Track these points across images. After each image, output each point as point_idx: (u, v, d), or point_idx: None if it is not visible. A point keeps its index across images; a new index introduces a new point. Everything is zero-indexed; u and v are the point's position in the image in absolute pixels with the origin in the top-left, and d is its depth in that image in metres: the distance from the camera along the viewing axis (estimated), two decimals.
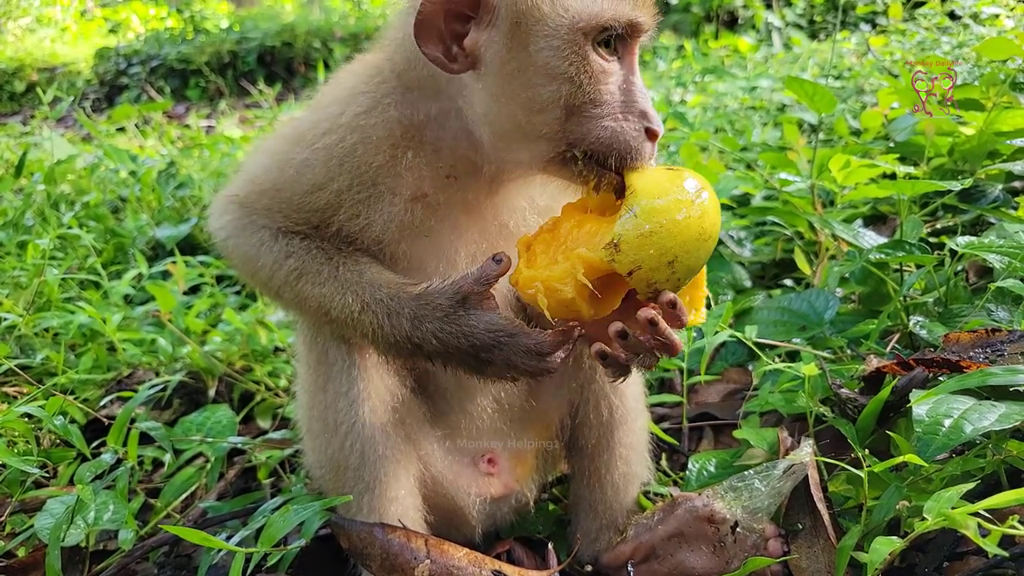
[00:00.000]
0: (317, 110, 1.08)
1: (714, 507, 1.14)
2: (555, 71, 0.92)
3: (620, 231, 0.89)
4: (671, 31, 7.66)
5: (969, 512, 0.86)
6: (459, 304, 0.98)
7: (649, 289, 0.92)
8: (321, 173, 1.03)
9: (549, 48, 0.91)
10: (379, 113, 1.02)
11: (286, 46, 9.38)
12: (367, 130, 1.01)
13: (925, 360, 1.21)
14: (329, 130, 1.03)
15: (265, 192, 1.09)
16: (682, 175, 0.94)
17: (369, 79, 1.06)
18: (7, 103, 9.70)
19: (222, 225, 1.14)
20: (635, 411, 1.26)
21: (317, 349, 1.12)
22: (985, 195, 1.83)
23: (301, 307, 1.10)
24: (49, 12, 12.96)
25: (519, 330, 0.97)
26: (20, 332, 1.92)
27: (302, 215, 1.07)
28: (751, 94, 3.99)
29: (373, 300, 1.02)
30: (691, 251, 0.90)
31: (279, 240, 1.08)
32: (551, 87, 0.92)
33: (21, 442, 1.50)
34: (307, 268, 1.06)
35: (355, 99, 1.04)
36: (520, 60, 0.92)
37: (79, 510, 1.24)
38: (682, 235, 0.89)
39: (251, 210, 1.10)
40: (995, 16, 3.83)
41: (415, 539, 1.04)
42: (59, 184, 3.25)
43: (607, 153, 0.94)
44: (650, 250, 0.88)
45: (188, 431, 1.63)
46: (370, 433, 1.07)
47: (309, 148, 1.04)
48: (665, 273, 0.90)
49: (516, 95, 0.94)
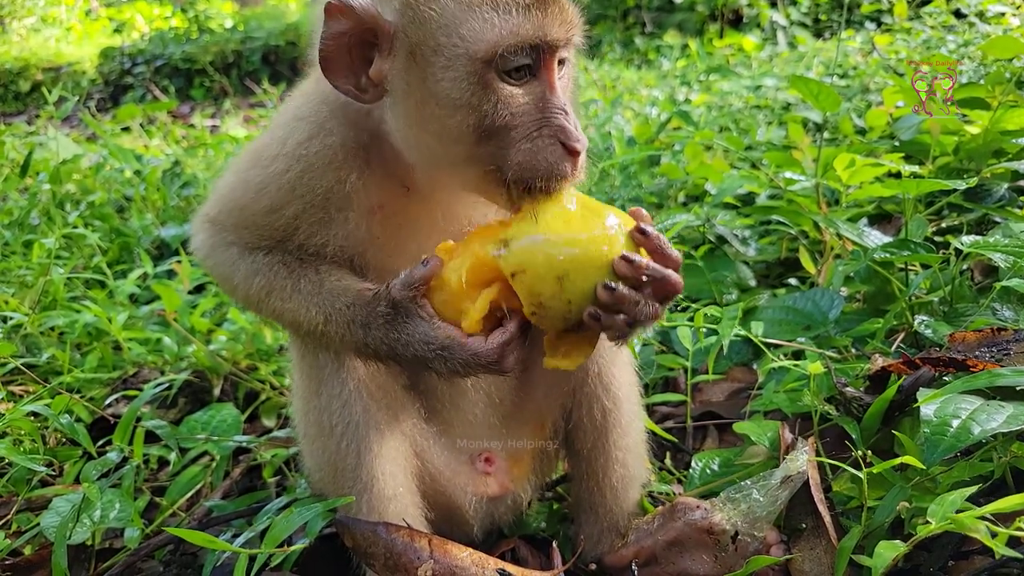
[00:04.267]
0: (270, 132, 1.10)
1: (712, 520, 1.13)
2: (457, 102, 0.89)
3: (515, 231, 0.88)
4: (676, 30, 7.64)
5: (976, 516, 0.86)
6: (394, 309, 0.98)
7: (533, 301, 0.87)
8: (276, 197, 1.05)
9: (448, 80, 0.88)
10: (320, 140, 1.02)
11: (290, 45, 9.40)
12: (310, 158, 1.02)
13: (931, 359, 1.21)
14: (276, 156, 1.05)
15: (232, 211, 1.11)
16: (603, 209, 0.92)
17: (310, 104, 1.07)
18: (12, 103, 9.74)
19: (199, 244, 1.17)
20: (630, 413, 1.24)
21: (308, 355, 1.13)
22: (990, 194, 1.82)
23: (278, 321, 1.13)
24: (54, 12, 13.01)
25: (453, 342, 0.94)
26: (26, 331, 1.93)
27: (265, 232, 1.09)
28: (756, 93, 3.98)
29: (334, 310, 1.03)
30: (585, 272, 0.86)
31: (246, 257, 1.11)
32: (456, 117, 0.90)
33: (27, 440, 1.51)
34: (274, 284, 1.08)
35: (298, 126, 1.05)
36: (421, 91, 0.90)
37: (85, 508, 1.25)
38: (580, 257, 0.85)
39: (222, 227, 1.13)
40: (1001, 14, 3.81)
41: (419, 538, 1.04)
42: (64, 183, 3.27)
43: (532, 176, 0.91)
44: (538, 256, 0.85)
45: (193, 430, 1.64)
46: (364, 432, 1.07)
47: (263, 171, 1.06)
48: (552, 288, 0.86)
49: (425, 124, 0.92)
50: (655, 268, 0.88)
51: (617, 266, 0.87)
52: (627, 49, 7.64)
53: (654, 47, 7.35)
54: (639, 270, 0.87)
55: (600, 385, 1.20)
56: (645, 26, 8.08)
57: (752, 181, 2.28)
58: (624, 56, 7.42)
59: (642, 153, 2.66)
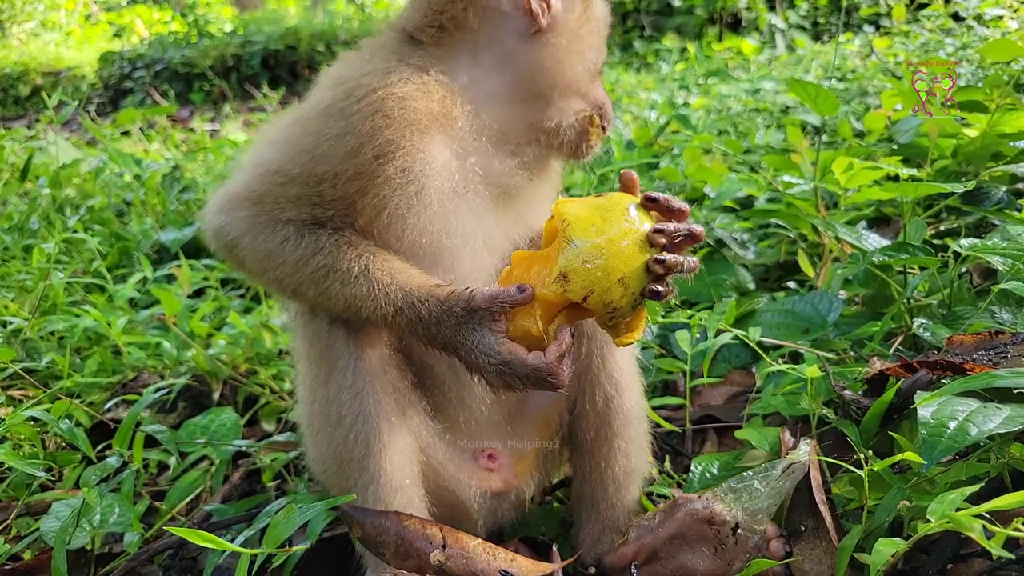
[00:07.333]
0: (345, 82, 1.06)
1: (714, 509, 1.14)
2: (598, 40, 1.18)
3: (564, 263, 0.94)
4: (675, 33, 7.66)
5: (973, 514, 0.86)
6: (468, 315, 0.99)
7: (607, 310, 0.95)
8: (365, 131, 1.01)
9: (599, 19, 1.18)
10: (425, 71, 1.07)
11: (290, 49, 9.42)
12: (419, 82, 1.05)
13: (929, 362, 1.21)
14: (374, 88, 1.02)
15: (295, 179, 1.05)
16: (612, 199, 1.00)
17: (400, 49, 1.10)
18: (12, 107, 9.76)
19: (229, 222, 1.10)
20: (631, 400, 1.25)
21: (320, 344, 1.11)
22: (989, 197, 1.82)
23: (323, 304, 1.08)
24: (54, 16, 13.05)
25: (514, 358, 0.97)
26: (26, 336, 1.93)
27: (337, 189, 1.04)
28: (754, 96, 4.00)
29: (406, 304, 1.02)
30: (635, 263, 0.95)
31: (306, 236, 1.06)
32: (595, 52, 1.17)
33: (27, 445, 1.51)
34: (336, 266, 1.04)
35: (396, 63, 1.06)
36: (588, 26, 1.16)
37: (85, 513, 1.25)
38: (624, 252, 0.94)
39: (273, 204, 1.07)
40: (999, 17, 3.82)
41: (430, 527, 1.04)
42: (64, 188, 3.27)
43: (604, 112, 1.20)
44: (597, 273, 0.93)
45: (193, 434, 1.64)
46: (375, 423, 1.07)
47: (346, 117, 1.02)
48: (618, 291, 0.94)
49: (580, 54, 1.14)
50: (681, 227, 0.99)
51: (654, 239, 0.96)
52: (626, 52, 7.67)
53: (653, 51, 7.37)
54: (672, 235, 0.97)
55: (603, 371, 1.22)
56: (644, 29, 8.10)
57: (751, 184, 2.29)
58: (623, 59, 7.45)
59: (641, 157, 2.67)
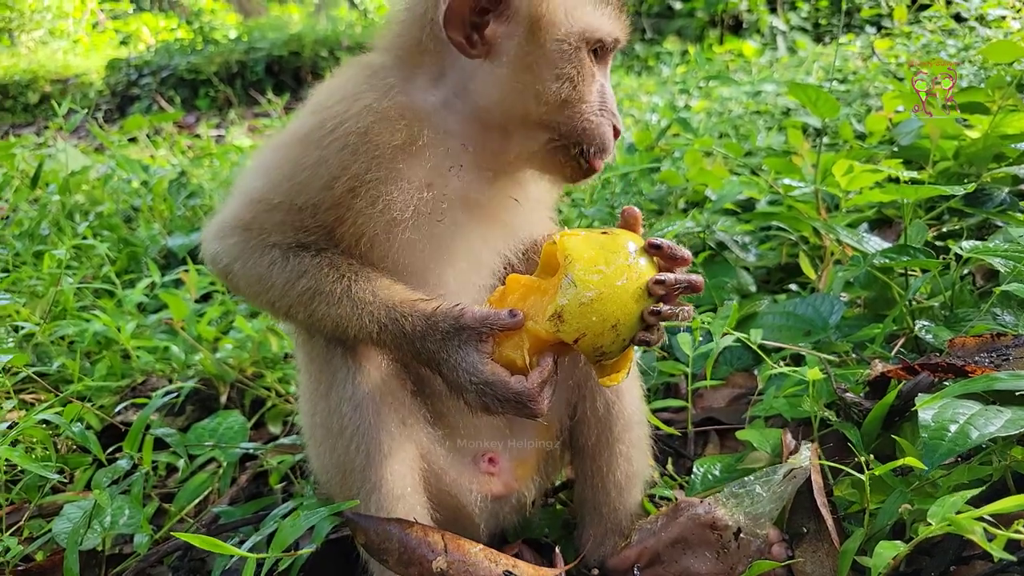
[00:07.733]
0: (321, 111, 1.09)
1: (716, 514, 1.14)
2: (560, 70, 1.06)
3: (562, 303, 0.93)
4: (676, 36, 7.67)
5: (974, 517, 0.87)
6: (455, 332, 1.00)
7: (595, 353, 0.95)
8: (336, 164, 1.04)
9: (558, 51, 1.05)
10: (391, 98, 1.06)
11: (294, 55, 9.47)
12: (382, 112, 1.05)
13: (930, 365, 1.21)
14: (342, 120, 1.04)
15: (278, 206, 1.08)
16: (617, 239, 0.98)
17: (373, 74, 1.10)
18: (21, 114, 9.84)
19: (223, 250, 1.13)
20: (632, 406, 1.26)
21: (319, 359, 1.13)
22: (991, 199, 1.83)
23: (314, 327, 1.10)
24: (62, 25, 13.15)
25: (496, 379, 0.97)
26: (37, 340, 1.95)
27: (317, 219, 1.07)
28: (755, 99, 4.00)
29: (389, 320, 1.03)
30: (631, 311, 0.94)
31: (291, 259, 1.08)
32: (556, 83, 1.06)
33: (39, 448, 1.53)
34: (320, 288, 1.06)
35: (366, 89, 1.07)
36: (534, 56, 1.05)
37: (96, 515, 1.27)
38: (621, 298, 0.93)
39: (259, 230, 1.10)
40: (1001, 18, 3.82)
41: (432, 534, 1.05)
42: (73, 194, 3.30)
43: (588, 144, 1.10)
44: (592, 317, 0.92)
45: (201, 437, 1.66)
46: (375, 434, 1.08)
47: (320, 148, 1.05)
48: (610, 336, 0.93)
49: (528, 85, 1.06)
50: (681, 279, 0.97)
51: (653, 290, 0.96)
52: (627, 55, 7.67)
53: (654, 53, 7.38)
54: (671, 287, 0.96)
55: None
56: (645, 32, 8.12)
57: (752, 187, 2.30)
58: (624, 62, 7.45)
59: (642, 161, 2.68)
